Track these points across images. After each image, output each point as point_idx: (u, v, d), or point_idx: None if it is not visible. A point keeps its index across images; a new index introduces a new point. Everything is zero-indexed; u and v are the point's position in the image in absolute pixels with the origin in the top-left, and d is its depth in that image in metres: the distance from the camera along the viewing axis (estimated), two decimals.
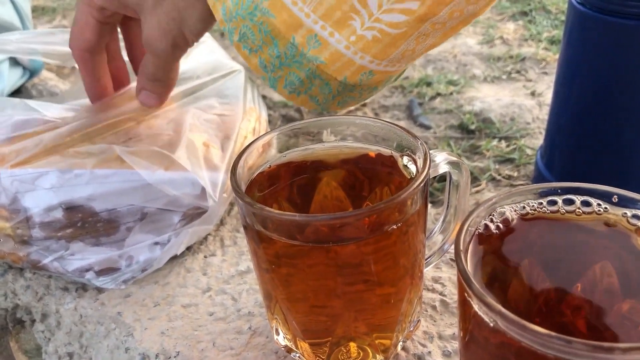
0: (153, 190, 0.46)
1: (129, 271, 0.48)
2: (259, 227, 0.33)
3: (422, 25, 0.32)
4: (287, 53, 0.33)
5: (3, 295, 0.52)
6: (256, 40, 0.34)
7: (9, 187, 0.45)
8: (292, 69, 0.34)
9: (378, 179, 0.39)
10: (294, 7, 0.32)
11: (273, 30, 0.33)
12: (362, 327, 0.36)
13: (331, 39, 0.32)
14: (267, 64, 0.35)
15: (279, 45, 0.33)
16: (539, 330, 0.23)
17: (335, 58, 0.33)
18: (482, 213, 0.30)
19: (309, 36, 0.32)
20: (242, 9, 0.33)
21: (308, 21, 0.32)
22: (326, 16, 0.32)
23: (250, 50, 0.34)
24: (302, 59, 0.33)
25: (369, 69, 0.34)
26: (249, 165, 0.37)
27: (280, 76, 0.35)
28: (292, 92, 0.36)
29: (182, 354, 0.41)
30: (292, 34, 0.33)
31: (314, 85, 0.35)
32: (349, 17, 0.31)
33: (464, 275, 0.26)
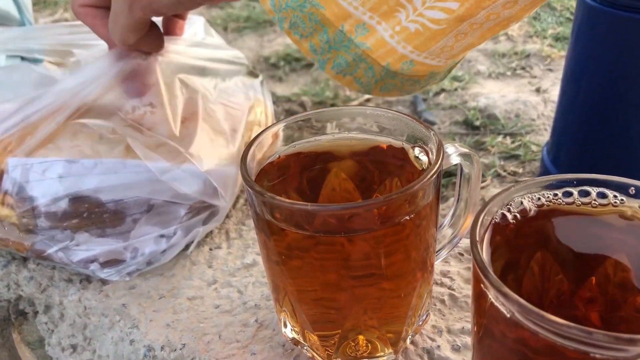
0: (160, 182, 0.46)
1: (134, 263, 0.48)
2: (269, 217, 0.32)
3: (461, 25, 0.34)
4: (336, 39, 0.36)
5: (6, 286, 0.52)
6: (307, 28, 0.36)
7: (17, 176, 0.45)
8: (340, 52, 0.36)
9: (388, 171, 0.38)
10: (343, 2, 0.34)
11: (323, 20, 0.35)
12: (372, 320, 0.36)
13: (378, 27, 0.35)
14: (317, 48, 0.37)
15: (328, 32, 0.36)
16: (558, 321, 0.22)
17: (380, 45, 0.35)
18: (498, 204, 0.29)
19: (357, 24, 0.35)
20: (292, 1, 0.35)
21: (357, 12, 0.34)
22: (374, 9, 0.34)
23: (301, 35, 0.37)
24: (349, 44, 0.36)
25: (410, 58, 0.36)
26: (258, 156, 0.37)
27: (329, 58, 0.37)
28: (339, 72, 0.38)
29: (187, 347, 0.41)
30: (341, 23, 0.35)
31: (359, 68, 0.37)
32: (395, 9, 0.34)
33: (480, 266, 0.25)
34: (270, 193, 0.31)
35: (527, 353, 0.25)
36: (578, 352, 0.23)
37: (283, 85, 1.11)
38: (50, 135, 0.47)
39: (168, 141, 0.47)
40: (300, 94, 1.02)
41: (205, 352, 0.40)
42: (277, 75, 1.15)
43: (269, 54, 1.22)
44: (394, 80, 0.38)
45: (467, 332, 0.40)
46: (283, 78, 1.13)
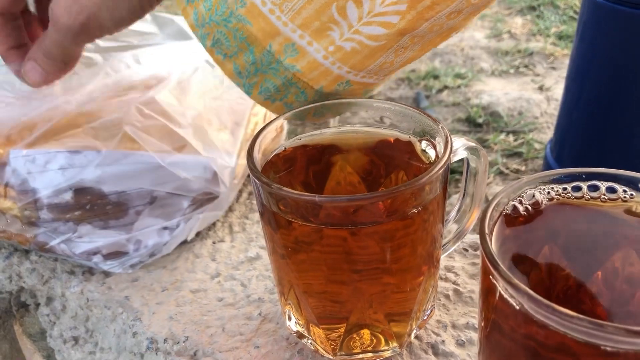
0: (163, 173, 0.46)
1: (137, 255, 0.47)
2: (275, 208, 0.32)
3: (401, 39, 0.32)
4: (263, 60, 0.33)
5: (8, 278, 0.52)
6: (231, 47, 0.33)
7: (20, 168, 0.45)
8: (267, 76, 0.34)
9: (395, 164, 0.38)
10: (271, 16, 0.31)
11: (249, 37, 0.32)
12: (377, 314, 0.35)
13: (309, 47, 0.32)
14: (242, 70, 0.34)
15: (254, 51, 0.33)
16: (569, 313, 0.22)
17: (312, 67, 0.33)
18: (507, 197, 0.29)
19: (287, 44, 0.32)
20: (216, 15, 0.32)
21: (286, 29, 0.32)
22: (304, 25, 0.31)
23: (224, 55, 0.34)
24: (278, 66, 0.33)
25: (346, 79, 0.34)
26: (264, 148, 0.37)
27: (256, 82, 0.34)
28: (267, 98, 0.35)
29: (191, 339, 0.41)
30: (269, 42, 0.32)
31: (290, 93, 0.35)
32: (328, 27, 0.31)
33: (489, 257, 0.25)
34: (277, 184, 0.31)
35: (536, 347, 0.25)
36: (589, 345, 0.22)
37: None
38: (53, 129, 0.47)
39: (169, 126, 0.46)
40: None
41: (209, 344, 0.40)
42: None
43: None
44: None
45: (471, 327, 0.39)
46: None
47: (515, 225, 0.29)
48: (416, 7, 0.30)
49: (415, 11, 0.30)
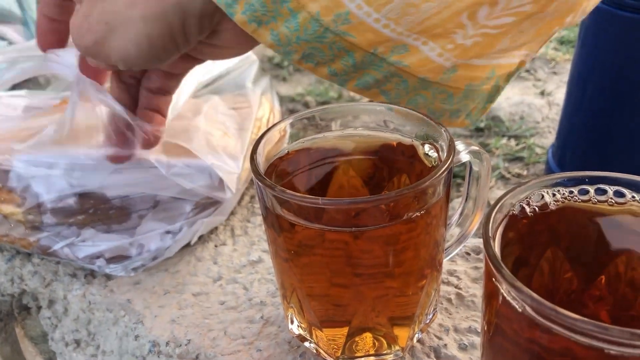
0: (166, 178, 0.46)
1: (140, 259, 0.47)
2: (279, 211, 0.32)
3: (523, 24, 0.30)
4: (365, 61, 0.32)
5: (10, 280, 0.52)
6: (326, 56, 0.31)
7: (22, 172, 0.45)
8: (367, 71, 0.32)
9: (397, 168, 0.38)
10: (385, 30, 0.30)
11: (348, 46, 0.31)
12: (379, 317, 0.35)
13: (423, 47, 0.30)
14: (339, 72, 0.32)
15: (354, 55, 0.31)
16: (573, 316, 0.22)
17: (422, 63, 0.31)
18: (512, 199, 0.29)
19: (397, 46, 0.31)
20: (306, 34, 0.31)
21: (399, 37, 0.30)
22: (424, 32, 0.30)
23: (316, 63, 0.32)
24: (382, 62, 0.32)
25: (455, 63, 0.32)
26: (267, 151, 0.37)
27: (353, 77, 0.33)
28: (363, 88, 0.33)
29: (193, 342, 0.41)
30: (373, 47, 0.31)
31: (390, 82, 0.33)
32: (451, 32, 0.30)
33: (493, 260, 0.25)
34: (280, 187, 0.31)
35: (540, 351, 0.25)
36: (592, 348, 0.22)
37: (287, 85, 1.11)
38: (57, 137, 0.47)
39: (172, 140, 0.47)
40: (304, 94, 1.02)
41: (211, 347, 0.40)
42: (281, 75, 1.15)
43: (273, 54, 1.22)
44: (426, 91, 0.34)
45: (474, 331, 0.39)
46: (287, 78, 1.13)
47: (519, 228, 0.29)
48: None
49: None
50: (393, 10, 0.29)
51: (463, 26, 0.29)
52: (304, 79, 1.10)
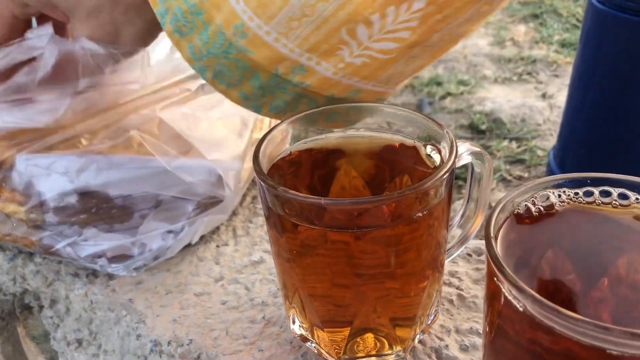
0: (169, 177, 0.46)
1: (141, 259, 0.48)
2: (281, 211, 0.32)
3: (412, 50, 0.32)
4: (271, 83, 0.33)
5: (12, 280, 0.52)
6: (234, 76, 0.33)
7: (24, 171, 0.45)
8: (276, 95, 0.33)
9: (399, 169, 0.38)
10: (276, 44, 0.31)
11: (252, 65, 0.32)
12: (381, 318, 0.36)
13: (318, 67, 0.32)
14: (250, 95, 0.34)
15: (260, 77, 0.32)
16: (575, 317, 0.22)
17: (321, 82, 0.33)
18: (513, 201, 0.29)
19: (294, 66, 0.32)
20: (214, 48, 0.32)
21: (292, 55, 0.31)
22: (312, 50, 0.31)
23: (228, 85, 0.33)
24: (286, 85, 0.33)
25: (356, 87, 0.34)
26: (269, 151, 0.37)
27: (265, 102, 0.34)
28: (277, 112, 0.35)
29: (195, 342, 0.41)
30: (274, 66, 0.32)
31: (301, 104, 0.34)
32: (337, 48, 0.31)
33: (494, 260, 0.25)
34: (282, 187, 0.31)
35: (542, 352, 0.25)
36: (594, 349, 0.22)
37: None
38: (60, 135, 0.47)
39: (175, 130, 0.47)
40: None
41: (213, 347, 0.40)
42: None
43: None
44: (339, 109, 0.36)
45: (475, 332, 0.39)
46: None
47: (520, 229, 0.29)
48: (427, 22, 0.30)
49: (427, 25, 0.30)
50: (280, 24, 0.30)
51: (346, 43, 0.30)
52: None
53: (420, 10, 0.29)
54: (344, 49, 0.31)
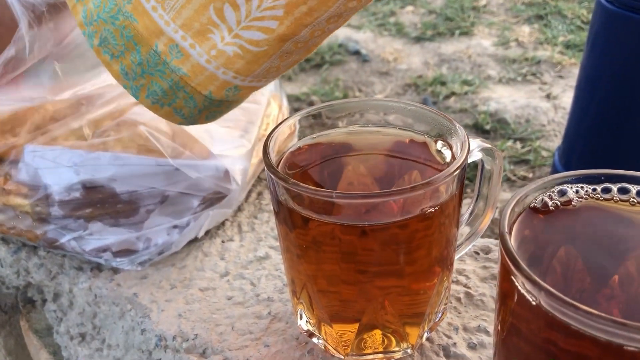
0: (175, 173, 0.46)
1: (146, 253, 0.47)
2: (291, 205, 0.32)
3: (284, 45, 0.32)
4: (150, 61, 0.32)
5: (15, 273, 0.52)
6: (118, 46, 0.32)
7: (31, 163, 0.45)
8: (154, 78, 0.33)
9: (409, 165, 0.38)
10: (154, 13, 0.31)
11: (136, 36, 0.32)
12: (390, 315, 0.35)
13: (192, 50, 0.31)
14: (129, 71, 0.33)
15: (141, 51, 0.32)
16: (591, 311, 0.22)
17: (197, 71, 0.32)
18: (529, 194, 0.29)
19: (171, 45, 0.31)
20: (104, 12, 0.31)
21: (168, 29, 0.31)
22: (185, 26, 0.31)
23: (111, 55, 0.33)
24: (164, 68, 0.32)
25: (234, 84, 0.33)
26: (278, 145, 0.37)
27: (143, 85, 0.33)
28: (155, 102, 0.34)
29: (200, 337, 0.41)
30: (154, 41, 0.31)
31: (178, 98, 0.34)
32: (208, 30, 0.31)
33: (509, 255, 0.25)
34: (293, 180, 0.31)
35: (556, 350, 0.25)
36: (611, 345, 0.22)
37: (292, 85, 1.11)
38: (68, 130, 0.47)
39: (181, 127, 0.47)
40: (310, 93, 1.02)
41: (218, 342, 0.40)
42: (287, 74, 1.15)
43: None
44: (220, 107, 0.35)
45: (483, 330, 0.39)
46: (292, 77, 1.13)
47: (535, 224, 0.29)
48: (293, 12, 0.30)
49: (293, 17, 0.30)
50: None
51: (217, 25, 0.30)
52: (309, 79, 1.10)
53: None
54: (215, 32, 0.31)
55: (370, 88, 1.14)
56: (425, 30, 1.72)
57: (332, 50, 1.57)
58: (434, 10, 1.85)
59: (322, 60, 1.36)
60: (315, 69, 1.13)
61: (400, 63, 1.26)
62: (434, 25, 1.68)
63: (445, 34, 1.54)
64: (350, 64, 1.46)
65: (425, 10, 1.86)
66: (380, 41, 1.62)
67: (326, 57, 1.49)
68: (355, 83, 1.27)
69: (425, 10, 1.87)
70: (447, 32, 1.56)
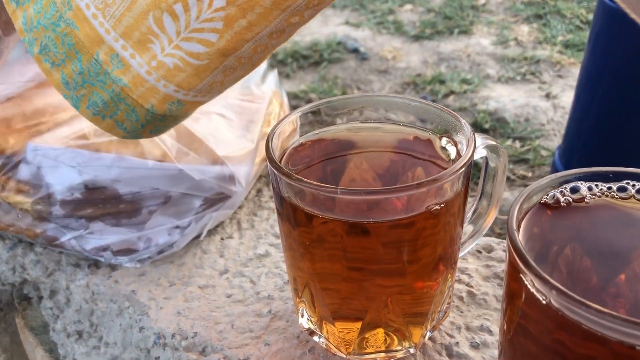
0: (179, 174, 0.45)
1: (147, 252, 0.47)
2: (295, 200, 0.32)
3: (226, 60, 0.31)
4: (91, 70, 0.32)
5: (11, 269, 0.51)
6: (59, 54, 0.32)
7: (32, 161, 0.44)
8: (95, 89, 0.32)
9: (412, 161, 0.38)
10: (94, 21, 0.30)
11: (77, 44, 0.31)
12: (392, 313, 0.35)
13: (132, 60, 0.31)
14: (70, 80, 0.32)
15: (82, 60, 0.31)
16: (608, 312, 0.21)
17: (137, 82, 0.31)
18: (538, 191, 0.29)
19: (112, 54, 0.31)
20: (44, 19, 0.31)
21: (108, 38, 0.30)
22: (126, 35, 0.30)
23: (52, 64, 0.32)
24: (106, 78, 0.32)
25: (176, 98, 0.32)
26: (281, 142, 0.36)
27: (84, 95, 0.33)
28: (96, 114, 0.33)
29: (199, 335, 0.40)
30: (95, 50, 0.31)
31: (120, 110, 0.33)
32: (148, 40, 0.30)
33: (517, 252, 0.24)
34: (297, 175, 0.31)
35: (564, 350, 0.25)
36: (624, 345, 0.22)
37: (290, 82, 1.10)
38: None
39: (185, 125, 0.46)
40: (308, 91, 1.02)
41: (218, 341, 0.39)
42: (285, 72, 1.14)
43: (277, 51, 1.21)
44: (164, 122, 0.34)
45: (485, 330, 0.39)
46: (290, 75, 1.12)
47: (542, 222, 0.29)
48: (232, 26, 0.29)
49: (233, 31, 0.29)
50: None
51: (156, 35, 0.30)
52: (307, 77, 1.10)
53: (222, 9, 0.29)
54: (155, 43, 0.30)
55: (369, 86, 1.13)
56: (424, 29, 1.72)
57: (331, 48, 1.57)
58: (433, 9, 1.85)
59: (320, 58, 1.35)
60: (313, 67, 1.13)
61: (399, 61, 1.25)
62: (433, 24, 1.68)
63: (444, 33, 1.54)
64: (348, 61, 1.45)
65: (424, 9, 1.86)
66: (379, 39, 1.61)
67: (325, 54, 1.48)
68: (353, 81, 1.26)
69: (424, 8, 1.87)
70: (446, 31, 1.56)
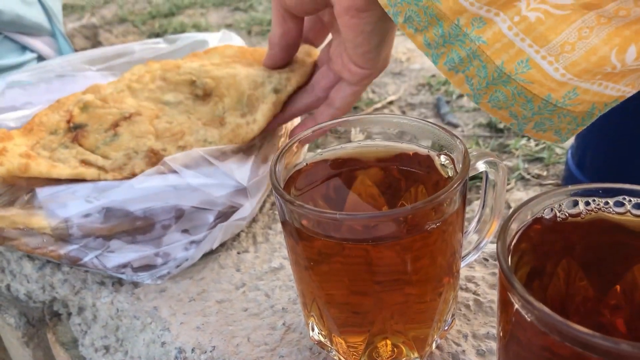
0: (188, 189, 0.47)
1: (165, 268, 0.49)
2: (297, 224, 0.33)
3: (587, 14, 0.32)
4: (451, 32, 0.36)
5: (41, 288, 0.54)
6: (422, 22, 0.36)
7: (45, 205, 0.46)
8: (454, 47, 0.36)
9: (414, 178, 0.39)
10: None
11: (438, 13, 0.35)
12: (398, 324, 0.36)
13: (496, 17, 0.34)
14: (432, 42, 0.37)
15: (443, 25, 0.36)
16: (583, 330, 0.23)
17: (496, 38, 0.34)
18: (533, 207, 0.30)
19: (474, 18, 0.34)
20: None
21: (472, 8, 0.34)
22: (491, 2, 0.33)
23: (415, 29, 0.37)
24: (464, 38, 0.35)
25: (527, 56, 0.34)
26: (286, 163, 0.38)
27: (443, 52, 0.37)
28: (451, 69, 0.37)
29: (217, 349, 0.42)
30: (457, 17, 0.35)
31: (472, 66, 0.36)
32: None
33: (505, 274, 0.26)
34: (299, 202, 0.32)
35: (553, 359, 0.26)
36: None
37: None
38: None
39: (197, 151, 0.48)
40: None
41: (235, 354, 0.41)
42: None
43: None
44: (506, 88, 0.36)
45: (492, 337, 0.40)
46: None
47: (533, 238, 0.30)
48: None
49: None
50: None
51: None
52: None
53: None
54: (522, 0, 0.33)
55: (384, 89, 1.14)
56: None
57: None
58: None
59: None
60: None
61: (413, 63, 1.26)
62: None
63: None
64: None
65: None
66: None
67: None
68: None
69: None
70: None
